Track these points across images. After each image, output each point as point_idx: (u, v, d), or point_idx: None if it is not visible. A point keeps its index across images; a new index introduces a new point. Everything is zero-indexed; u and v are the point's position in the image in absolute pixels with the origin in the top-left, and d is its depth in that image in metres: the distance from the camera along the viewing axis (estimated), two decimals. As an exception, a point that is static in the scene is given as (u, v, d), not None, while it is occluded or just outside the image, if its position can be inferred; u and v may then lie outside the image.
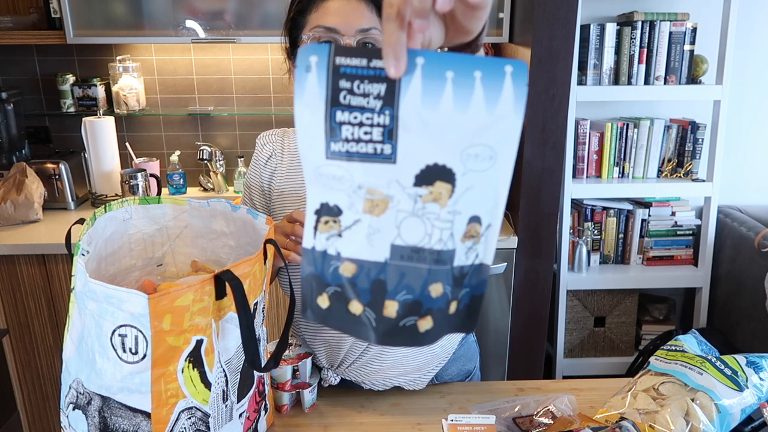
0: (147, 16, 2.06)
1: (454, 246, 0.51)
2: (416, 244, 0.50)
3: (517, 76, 0.47)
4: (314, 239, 0.52)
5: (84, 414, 0.78)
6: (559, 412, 0.97)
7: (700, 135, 2.34)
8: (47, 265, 1.93)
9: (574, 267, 2.41)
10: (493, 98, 0.47)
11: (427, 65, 0.47)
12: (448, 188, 0.49)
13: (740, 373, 0.93)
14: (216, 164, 2.42)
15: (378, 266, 0.51)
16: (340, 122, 0.48)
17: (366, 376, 1.12)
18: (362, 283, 0.52)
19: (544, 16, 1.83)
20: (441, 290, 0.52)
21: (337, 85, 0.48)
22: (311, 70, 0.48)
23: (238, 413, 0.87)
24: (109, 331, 0.73)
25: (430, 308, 0.52)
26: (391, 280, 0.51)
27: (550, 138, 1.93)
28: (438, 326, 0.53)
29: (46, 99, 2.40)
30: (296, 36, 1.03)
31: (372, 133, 0.48)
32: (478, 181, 0.49)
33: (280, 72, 2.41)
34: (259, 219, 0.94)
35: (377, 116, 0.48)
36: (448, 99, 0.47)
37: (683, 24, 2.20)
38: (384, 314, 0.52)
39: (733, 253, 2.36)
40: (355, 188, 0.50)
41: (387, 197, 0.50)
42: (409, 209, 0.50)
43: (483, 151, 0.48)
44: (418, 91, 0.47)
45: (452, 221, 0.50)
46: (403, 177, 0.49)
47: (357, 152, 0.49)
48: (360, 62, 0.47)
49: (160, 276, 1.00)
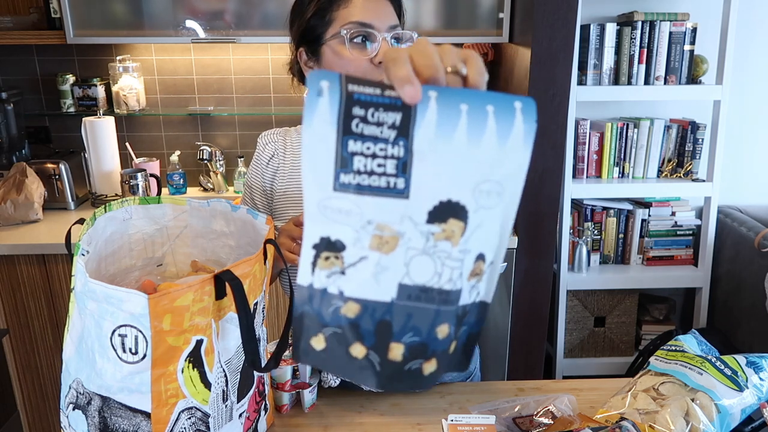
0: (147, 16, 2.06)
1: (462, 285, 0.49)
2: (425, 284, 0.48)
3: (527, 113, 0.46)
4: (312, 276, 0.49)
5: (84, 414, 0.78)
6: (559, 412, 0.97)
7: (700, 135, 2.34)
8: (47, 265, 1.93)
9: (574, 267, 2.41)
10: (504, 133, 0.46)
11: (440, 98, 0.46)
12: (461, 226, 0.47)
13: (740, 373, 0.93)
14: (216, 164, 2.42)
15: (384, 306, 0.48)
16: (352, 152, 0.45)
17: None
18: (366, 325, 0.49)
19: (544, 16, 1.83)
20: (447, 331, 0.49)
21: (350, 111, 0.45)
22: (323, 94, 0.45)
23: (238, 413, 0.87)
24: (109, 331, 0.73)
25: (435, 350, 0.50)
26: (397, 321, 0.49)
27: (550, 138, 1.93)
28: (440, 368, 0.51)
29: (46, 99, 2.40)
30: (319, 34, 1.01)
31: (386, 166, 0.46)
32: (487, 219, 0.48)
33: (280, 72, 2.42)
34: (259, 219, 0.94)
35: (391, 147, 0.46)
36: (462, 131, 0.46)
37: (683, 24, 2.20)
38: (389, 357, 0.50)
39: (733, 253, 2.36)
40: (364, 223, 0.47)
41: (398, 234, 0.47)
42: (420, 247, 0.47)
43: (493, 187, 0.47)
44: (433, 121, 0.45)
45: (462, 260, 0.48)
46: (417, 213, 0.47)
47: (369, 185, 0.46)
48: (374, 90, 0.45)
49: (160, 276, 1.00)
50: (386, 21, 0.97)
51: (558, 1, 1.82)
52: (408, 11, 1.08)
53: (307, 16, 1.03)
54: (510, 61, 2.14)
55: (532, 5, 1.85)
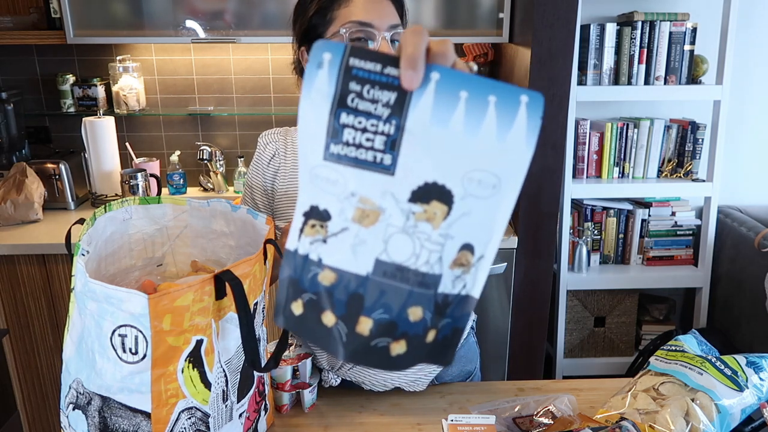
0: (147, 16, 2.06)
1: (441, 271, 0.49)
2: (401, 263, 0.49)
3: (533, 108, 0.46)
4: (298, 242, 0.50)
5: (84, 414, 0.78)
6: (559, 412, 0.97)
7: (700, 135, 2.34)
8: (47, 265, 1.93)
9: (574, 267, 2.41)
10: (505, 126, 0.46)
11: (441, 81, 0.46)
12: (444, 210, 0.47)
13: (740, 373, 0.93)
14: (216, 164, 2.42)
15: (358, 279, 0.49)
16: (343, 124, 0.47)
17: (366, 377, 1.12)
18: (339, 295, 0.50)
19: (544, 16, 1.83)
20: (420, 315, 0.49)
21: (347, 86, 0.46)
22: (323, 66, 0.46)
23: (238, 413, 0.87)
24: (109, 331, 0.73)
25: (405, 332, 0.50)
26: (370, 295, 0.49)
27: (550, 138, 1.93)
28: (412, 353, 0.50)
29: (46, 99, 2.40)
30: (319, 33, 1.02)
31: (374, 141, 0.47)
32: (476, 208, 0.47)
33: (280, 72, 2.42)
34: (259, 219, 0.94)
35: (382, 124, 0.46)
36: (459, 119, 0.46)
37: (683, 24, 2.20)
38: (356, 330, 0.50)
39: (733, 253, 2.36)
40: (348, 195, 0.48)
41: (379, 209, 0.48)
42: (399, 225, 0.48)
43: (487, 178, 0.47)
44: (429, 105, 0.46)
45: (443, 245, 0.48)
46: (399, 191, 0.48)
47: (356, 158, 0.47)
48: (374, 67, 0.46)
49: (160, 276, 1.00)
50: (387, 20, 0.97)
51: (558, 1, 1.82)
52: (408, 11, 1.08)
53: (309, 14, 1.03)
54: (510, 61, 2.14)
55: (532, 5, 1.85)
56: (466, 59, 2.38)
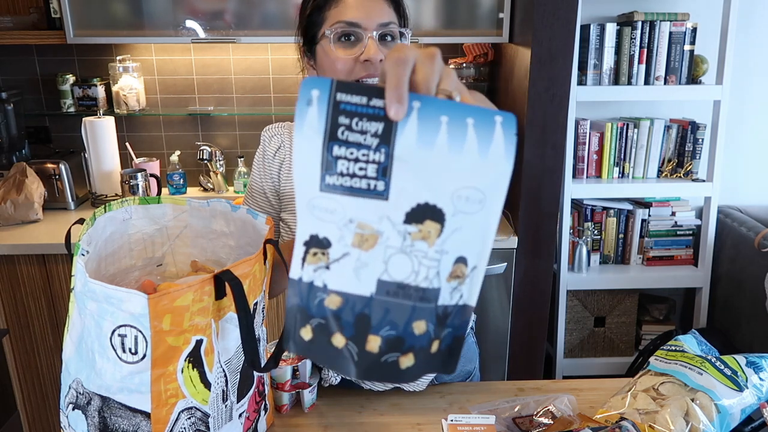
0: (147, 16, 2.06)
1: (440, 285, 0.52)
2: (402, 281, 0.51)
3: (507, 126, 0.50)
4: (302, 270, 0.52)
5: (84, 414, 0.78)
6: (559, 412, 0.97)
7: (700, 135, 2.34)
8: (47, 265, 1.93)
9: (574, 267, 2.41)
10: (484, 144, 0.49)
11: (422, 109, 0.49)
12: (437, 228, 0.51)
13: (740, 373, 0.93)
14: (216, 164, 2.42)
15: (363, 300, 0.52)
16: (336, 156, 0.49)
17: None
18: (347, 317, 0.52)
19: (544, 16, 1.83)
20: (424, 328, 0.52)
21: (336, 120, 0.49)
22: (312, 104, 0.49)
23: (237, 413, 0.87)
24: (109, 331, 0.73)
25: (412, 345, 0.53)
26: (376, 315, 0.52)
27: (550, 138, 1.93)
28: (419, 364, 0.53)
29: (46, 99, 2.40)
30: (314, 33, 1.02)
31: (367, 170, 0.50)
32: (466, 223, 0.51)
33: (280, 72, 2.42)
34: (259, 219, 0.94)
35: (373, 153, 0.49)
36: (443, 141, 0.49)
37: (683, 24, 2.20)
38: (366, 349, 0.53)
39: (733, 253, 2.36)
40: (347, 222, 0.51)
41: (377, 233, 0.51)
42: (397, 246, 0.51)
43: (473, 194, 0.50)
44: (414, 132, 0.49)
45: (439, 260, 0.51)
46: (394, 214, 0.51)
47: (351, 187, 0.50)
48: (360, 100, 0.49)
49: (160, 276, 1.00)
50: (375, 19, 0.97)
51: (558, 1, 1.82)
52: (408, 8, 1.07)
53: (306, 13, 1.04)
54: (510, 61, 2.14)
55: (532, 5, 1.85)
56: (466, 59, 2.38)
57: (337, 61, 0.98)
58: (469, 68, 2.37)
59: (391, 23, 0.98)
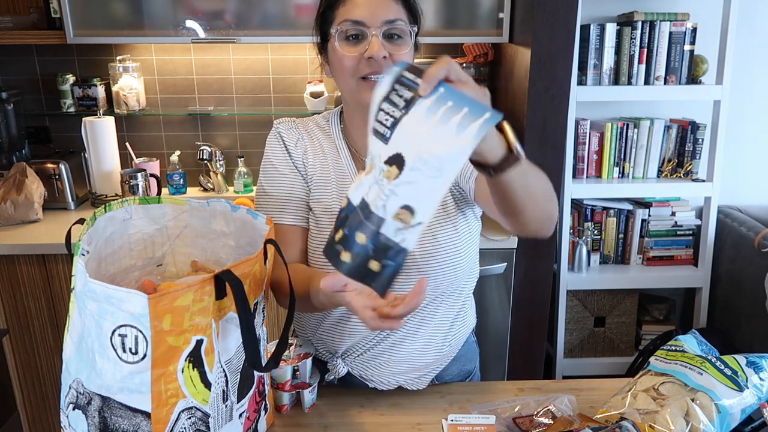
0: (147, 16, 2.06)
1: (384, 216, 0.68)
2: (368, 202, 0.70)
3: (489, 120, 0.63)
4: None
5: (84, 414, 0.78)
6: (559, 412, 0.97)
7: (700, 135, 2.34)
8: (47, 265, 1.93)
9: (574, 267, 2.41)
10: (463, 125, 0.63)
11: (443, 94, 0.66)
12: (396, 173, 0.67)
13: (740, 373, 0.93)
14: (216, 164, 2.42)
15: (351, 207, 0.72)
16: (381, 109, 0.69)
17: (372, 369, 1.12)
18: (342, 215, 0.73)
19: (544, 16, 1.83)
20: (364, 240, 0.69)
21: (392, 87, 0.69)
22: (387, 74, 0.69)
23: (238, 413, 0.87)
24: (109, 331, 0.73)
25: (351, 248, 0.71)
26: (351, 218, 0.71)
27: (550, 138, 1.93)
28: (355, 266, 0.70)
29: (46, 99, 2.40)
30: (326, 31, 1.04)
31: (387, 122, 0.68)
32: (420, 181, 0.66)
33: (280, 72, 2.42)
34: (259, 219, 0.94)
35: (397, 111, 0.68)
36: (438, 115, 0.65)
37: (683, 24, 2.20)
38: (335, 237, 0.73)
39: (733, 253, 2.36)
40: (371, 155, 0.71)
41: (374, 165, 0.70)
42: (377, 176, 0.69)
43: (432, 160, 0.65)
44: (427, 105, 0.66)
45: (388, 197, 0.68)
46: (384, 154, 0.68)
47: (376, 131, 0.69)
48: (412, 77, 0.68)
49: (160, 276, 1.00)
50: (381, 16, 0.98)
51: (558, 1, 1.82)
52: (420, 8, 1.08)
53: (320, 12, 1.06)
54: (510, 61, 2.14)
55: (532, 5, 1.85)
56: (466, 59, 2.38)
57: (344, 59, 1.00)
58: (469, 68, 2.37)
59: (397, 20, 0.99)
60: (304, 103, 2.41)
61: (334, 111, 1.17)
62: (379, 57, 0.97)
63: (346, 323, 1.10)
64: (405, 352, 1.11)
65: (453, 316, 1.14)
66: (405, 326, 1.09)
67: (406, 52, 1.01)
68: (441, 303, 1.11)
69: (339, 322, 1.11)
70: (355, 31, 0.98)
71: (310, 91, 2.36)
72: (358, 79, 1.00)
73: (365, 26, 0.98)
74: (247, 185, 2.44)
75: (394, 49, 0.99)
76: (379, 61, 0.98)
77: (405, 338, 1.10)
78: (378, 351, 1.11)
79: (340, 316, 1.10)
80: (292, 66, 2.41)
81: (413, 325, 1.10)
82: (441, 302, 1.11)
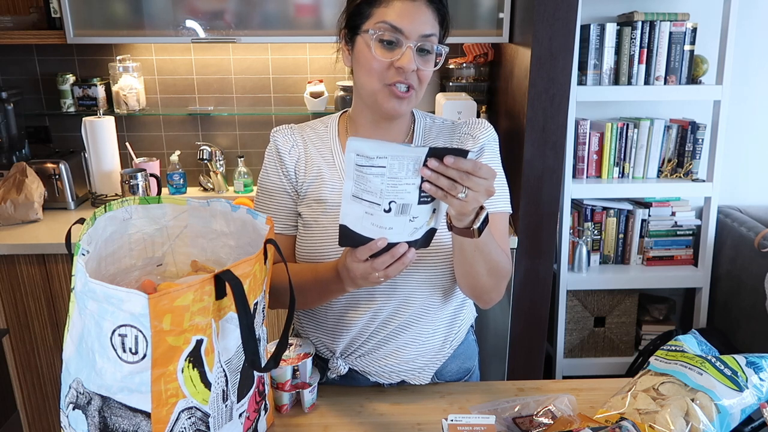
0: (147, 16, 2.06)
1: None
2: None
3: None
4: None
5: (84, 414, 0.78)
6: (559, 412, 0.97)
7: (700, 135, 2.34)
8: (47, 265, 1.93)
9: (574, 267, 2.41)
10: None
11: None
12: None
13: (740, 374, 0.93)
14: (216, 164, 2.42)
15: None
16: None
17: (373, 362, 1.12)
18: None
19: (544, 16, 1.83)
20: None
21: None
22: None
23: (238, 413, 0.87)
24: (109, 331, 0.73)
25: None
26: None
27: (550, 138, 1.93)
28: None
29: (46, 99, 2.40)
30: (358, 24, 1.03)
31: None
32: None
33: (280, 72, 2.42)
34: (259, 219, 0.94)
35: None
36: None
37: (683, 24, 2.20)
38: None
39: (733, 253, 2.36)
40: None
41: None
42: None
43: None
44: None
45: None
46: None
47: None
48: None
49: (160, 276, 1.00)
50: (419, 29, 0.99)
51: (558, 1, 1.82)
52: (450, 22, 1.09)
53: (355, 2, 1.05)
54: (510, 61, 2.14)
55: (532, 5, 1.85)
56: (466, 59, 2.38)
57: (374, 61, 1.00)
58: (469, 68, 2.37)
59: (432, 35, 1.01)
60: (304, 103, 2.41)
61: (334, 117, 1.18)
62: (409, 69, 0.99)
63: (342, 319, 1.11)
64: (404, 341, 1.12)
65: (453, 309, 1.17)
66: (403, 316, 1.10)
67: (431, 68, 1.03)
68: (441, 296, 1.13)
69: (337, 319, 1.11)
70: (391, 37, 0.99)
71: (310, 91, 2.36)
72: (384, 84, 1.01)
73: (403, 35, 0.99)
74: (247, 185, 2.44)
75: (423, 63, 1.01)
76: (407, 72, 1.00)
77: (404, 328, 1.11)
78: (377, 343, 1.12)
79: (338, 312, 1.11)
80: (292, 66, 2.41)
81: (411, 314, 1.11)
82: (441, 295, 1.12)
